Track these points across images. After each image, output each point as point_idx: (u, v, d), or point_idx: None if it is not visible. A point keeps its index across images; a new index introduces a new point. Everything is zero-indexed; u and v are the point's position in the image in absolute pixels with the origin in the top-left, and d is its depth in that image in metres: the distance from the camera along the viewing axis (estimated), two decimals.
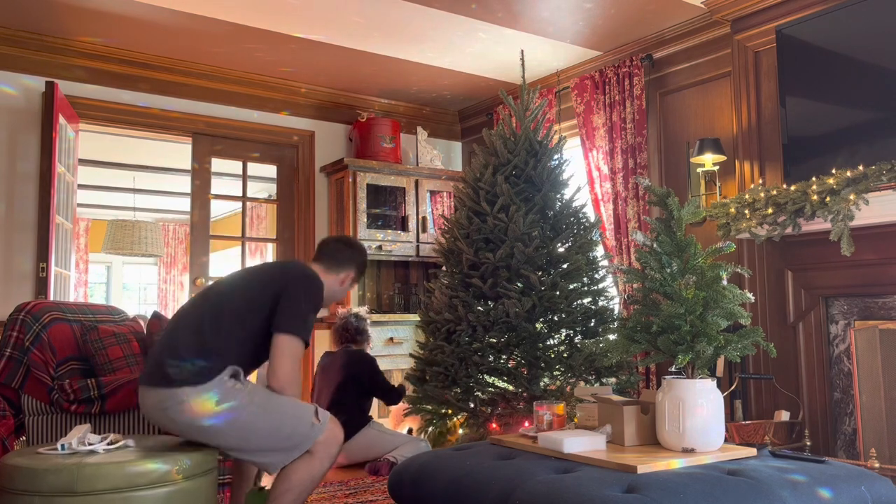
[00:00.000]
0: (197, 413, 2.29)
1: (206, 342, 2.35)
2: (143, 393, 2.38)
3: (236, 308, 2.42)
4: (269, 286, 2.44)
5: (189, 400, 2.29)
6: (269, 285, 2.44)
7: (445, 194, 6.03)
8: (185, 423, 2.32)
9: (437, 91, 5.91)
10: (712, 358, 2.34)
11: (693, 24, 4.55)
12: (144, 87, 5.11)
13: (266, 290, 2.43)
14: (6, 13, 4.38)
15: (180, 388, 2.29)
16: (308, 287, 2.47)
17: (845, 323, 3.69)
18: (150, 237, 7.95)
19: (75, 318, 3.32)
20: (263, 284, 2.46)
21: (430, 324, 4.08)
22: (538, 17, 4.50)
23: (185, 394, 2.29)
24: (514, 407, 3.76)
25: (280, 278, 2.46)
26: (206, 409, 2.30)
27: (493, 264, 3.85)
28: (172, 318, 2.52)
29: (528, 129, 4.07)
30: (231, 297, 2.46)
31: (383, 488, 3.63)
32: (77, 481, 2.11)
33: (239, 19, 4.48)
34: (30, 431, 3.05)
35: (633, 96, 4.81)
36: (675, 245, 2.41)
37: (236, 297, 2.45)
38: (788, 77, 3.84)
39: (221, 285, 2.53)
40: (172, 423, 2.35)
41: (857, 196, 3.28)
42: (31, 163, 4.63)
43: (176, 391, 2.29)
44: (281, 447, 2.38)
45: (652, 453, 2.22)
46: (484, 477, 2.13)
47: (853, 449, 3.60)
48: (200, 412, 2.30)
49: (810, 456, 2.23)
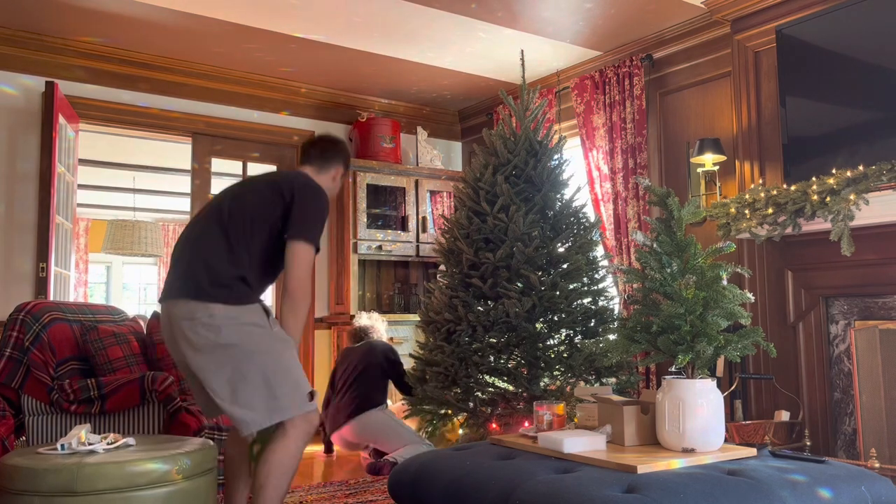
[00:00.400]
0: (225, 332, 2.31)
1: (239, 262, 2.41)
2: (171, 306, 2.38)
3: (256, 221, 2.46)
4: (281, 197, 2.49)
5: (222, 316, 2.32)
6: (281, 196, 2.49)
7: (445, 194, 6.03)
8: (205, 340, 2.31)
9: (437, 91, 5.91)
10: (712, 358, 2.34)
11: (693, 24, 4.55)
12: (144, 87, 5.11)
13: (278, 202, 2.48)
14: (6, 13, 4.38)
15: (215, 304, 2.33)
16: (316, 196, 2.53)
17: (845, 323, 3.69)
18: (150, 237, 7.96)
19: (75, 318, 3.32)
20: (275, 196, 2.50)
21: (430, 324, 4.08)
22: (538, 17, 4.50)
23: (220, 310, 2.32)
24: (514, 407, 3.76)
25: (289, 189, 2.50)
26: (233, 330, 2.33)
27: (493, 264, 3.85)
28: (188, 235, 2.52)
29: (528, 129, 4.07)
30: (247, 211, 2.49)
31: (383, 488, 3.63)
32: (77, 481, 2.11)
33: (239, 19, 4.48)
34: (30, 431, 3.05)
35: (633, 96, 4.81)
36: (675, 245, 2.41)
37: (253, 211, 2.48)
38: (788, 77, 3.84)
39: (230, 200, 2.54)
40: (193, 337, 2.32)
41: (857, 196, 3.28)
42: (31, 163, 4.63)
43: (210, 305, 2.32)
44: (267, 405, 2.34)
45: (652, 453, 2.22)
46: (484, 477, 2.13)
47: (853, 449, 3.60)
48: (228, 331, 2.32)
49: (810, 456, 2.23)
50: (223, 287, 2.36)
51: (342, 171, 2.81)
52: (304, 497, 3.53)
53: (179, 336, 2.36)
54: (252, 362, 2.34)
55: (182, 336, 2.35)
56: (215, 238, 2.44)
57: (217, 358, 2.33)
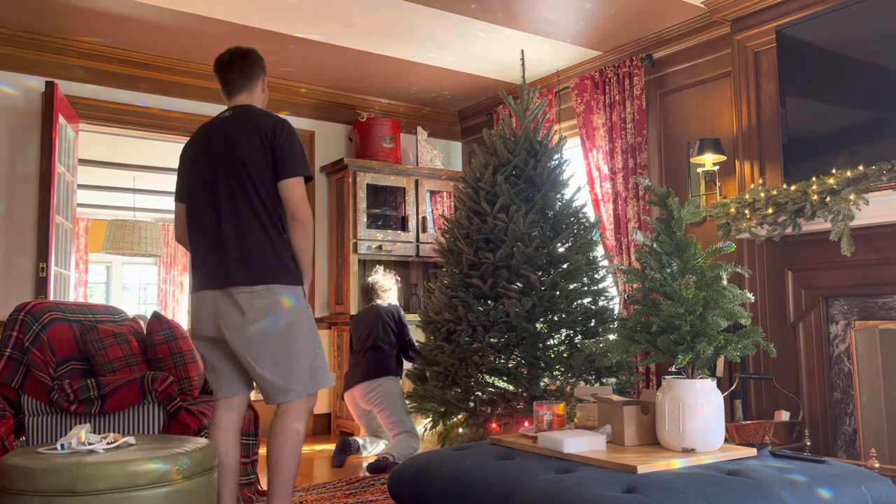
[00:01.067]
0: (278, 308, 2.51)
1: (278, 234, 2.58)
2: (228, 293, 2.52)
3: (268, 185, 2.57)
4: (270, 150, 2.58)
5: (282, 295, 2.52)
6: (270, 150, 2.58)
7: (445, 194, 6.03)
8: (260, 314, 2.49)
9: (437, 91, 5.91)
10: (712, 358, 2.34)
11: (693, 24, 4.55)
12: (144, 87, 5.11)
13: (268, 156, 2.57)
14: (6, 13, 4.38)
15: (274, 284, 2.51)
16: (287, 127, 2.64)
17: (845, 323, 3.69)
18: (150, 237, 7.95)
19: (75, 318, 3.32)
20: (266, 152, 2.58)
21: (430, 324, 4.08)
22: (538, 16, 4.49)
23: (278, 289, 2.52)
24: (514, 407, 3.76)
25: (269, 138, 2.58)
26: (288, 307, 2.53)
27: (493, 264, 3.85)
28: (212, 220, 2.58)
29: (528, 129, 4.07)
30: (255, 177, 2.56)
31: (383, 488, 3.63)
32: (77, 481, 2.11)
33: (239, 19, 4.48)
34: (30, 431, 3.05)
35: (633, 96, 4.81)
36: (675, 245, 2.41)
37: (260, 176, 2.56)
38: (788, 77, 3.84)
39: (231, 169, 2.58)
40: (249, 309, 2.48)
41: (857, 196, 3.28)
42: (31, 163, 4.63)
43: (272, 286, 2.51)
44: (306, 378, 2.57)
45: (652, 453, 2.22)
46: (484, 477, 2.13)
47: (853, 449, 3.59)
48: (280, 307, 2.51)
49: (810, 456, 2.23)
50: (280, 267, 2.54)
51: (265, 77, 2.86)
52: (304, 497, 3.53)
53: (229, 310, 2.51)
54: (295, 338, 2.55)
55: (233, 310, 2.50)
56: (246, 217, 2.55)
57: (266, 330, 2.50)
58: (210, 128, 2.72)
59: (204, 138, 2.71)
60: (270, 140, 2.58)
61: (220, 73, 2.79)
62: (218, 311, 2.54)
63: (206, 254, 2.58)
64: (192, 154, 2.71)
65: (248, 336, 2.51)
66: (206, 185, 2.62)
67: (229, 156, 2.60)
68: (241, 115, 2.69)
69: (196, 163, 2.68)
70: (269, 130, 2.59)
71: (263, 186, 2.57)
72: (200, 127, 2.78)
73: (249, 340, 2.51)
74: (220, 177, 2.59)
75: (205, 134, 2.72)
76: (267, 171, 2.57)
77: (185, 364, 3.36)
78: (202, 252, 2.60)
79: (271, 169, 2.57)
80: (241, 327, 2.50)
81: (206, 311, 2.56)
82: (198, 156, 2.69)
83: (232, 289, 2.51)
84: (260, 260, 2.52)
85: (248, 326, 2.50)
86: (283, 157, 2.57)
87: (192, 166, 2.69)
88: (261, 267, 2.51)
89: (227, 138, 2.63)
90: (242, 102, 2.75)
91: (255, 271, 2.50)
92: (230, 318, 2.51)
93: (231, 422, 2.67)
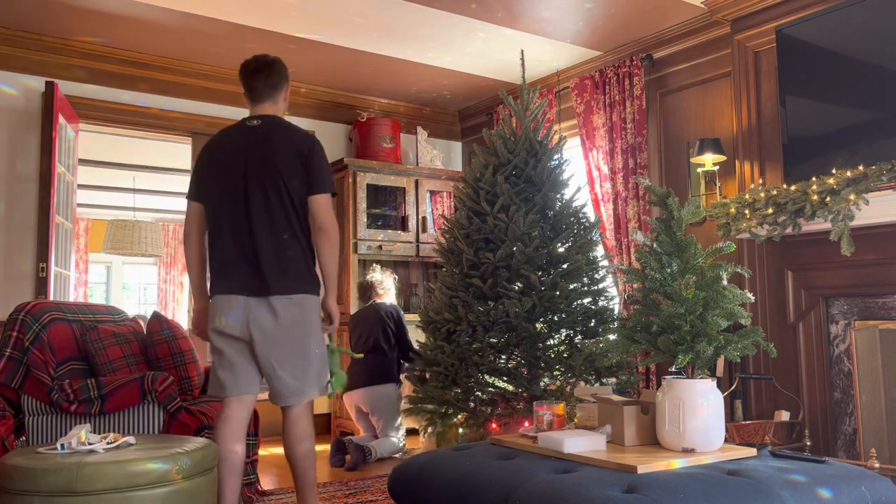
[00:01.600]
0: (306, 316, 2.69)
1: (306, 254, 2.73)
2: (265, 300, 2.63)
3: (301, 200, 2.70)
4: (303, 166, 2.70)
5: (308, 302, 2.70)
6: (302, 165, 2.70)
7: (445, 194, 6.03)
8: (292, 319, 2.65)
9: (437, 91, 5.91)
10: (712, 358, 2.34)
11: (693, 24, 4.55)
12: (144, 87, 5.11)
13: (301, 170, 2.70)
14: (6, 13, 4.38)
15: (304, 294, 2.69)
16: (319, 144, 2.79)
17: (845, 323, 3.69)
18: (150, 237, 7.95)
19: (75, 318, 3.32)
20: (299, 167, 2.70)
21: (430, 324, 4.08)
22: (538, 17, 4.49)
23: (309, 299, 2.70)
24: (514, 407, 3.76)
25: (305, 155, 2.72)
26: (310, 316, 2.71)
27: (493, 264, 3.85)
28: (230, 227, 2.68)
29: (528, 129, 4.07)
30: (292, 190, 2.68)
31: (383, 488, 3.63)
32: (77, 481, 2.11)
33: (239, 19, 4.48)
34: (30, 431, 3.05)
35: (633, 96, 4.81)
36: (675, 245, 2.41)
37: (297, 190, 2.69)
38: (788, 77, 3.84)
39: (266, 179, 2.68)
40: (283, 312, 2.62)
41: (857, 196, 3.28)
42: (31, 163, 4.63)
43: (305, 296, 2.69)
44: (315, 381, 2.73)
45: (652, 453, 2.22)
46: (484, 477, 2.13)
47: (853, 449, 3.59)
48: (308, 316, 2.70)
49: (810, 456, 2.23)
50: (311, 278, 2.72)
51: (288, 87, 2.95)
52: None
53: (263, 313, 2.63)
54: (311, 343, 2.71)
55: (267, 314, 2.63)
56: (283, 229, 2.68)
57: (294, 335, 2.65)
58: (238, 134, 2.78)
59: (233, 145, 2.76)
60: (305, 156, 2.70)
61: (245, 80, 2.86)
62: (250, 313, 2.63)
63: (239, 262, 2.67)
64: (219, 158, 2.77)
65: (278, 339, 2.63)
66: (238, 193, 2.69)
67: (265, 167, 2.68)
68: (272, 127, 2.78)
69: (224, 168, 2.74)
70: (303, 147, 2.72)
71: (298, 200, 2.69)
72: (225, 131, 2.84)
73: (278, 343, 2.63)
74: (255, 187, 2.68)
75: (233, 140, 2.77)
76: (300, 186, 2.69)
77: (185, 364, 3.36)
78: (231, 258, 2.69)
79: (304, 184, 2.69)
80: (273, 330, 2.63)
81: (237, 313, 2.65)
82: (226, 161, 2.74)
83: (270, 297, 2.63)
84: (297, 272, 2.68)
85: (279, 331, 2.63)
86: (315, 173, 2.70)
87: (219, 170, 2.75)
88: (297, 279, 2.68)
89: (261, 149, 2.71)
90: (267, 111, 2.83)
91: (292, 283, 2.66)
92: (262, 320, 2.63)
93: (241, 419, 2.72)
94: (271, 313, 2.63)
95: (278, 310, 2.63)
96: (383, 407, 4.51)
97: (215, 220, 2.73)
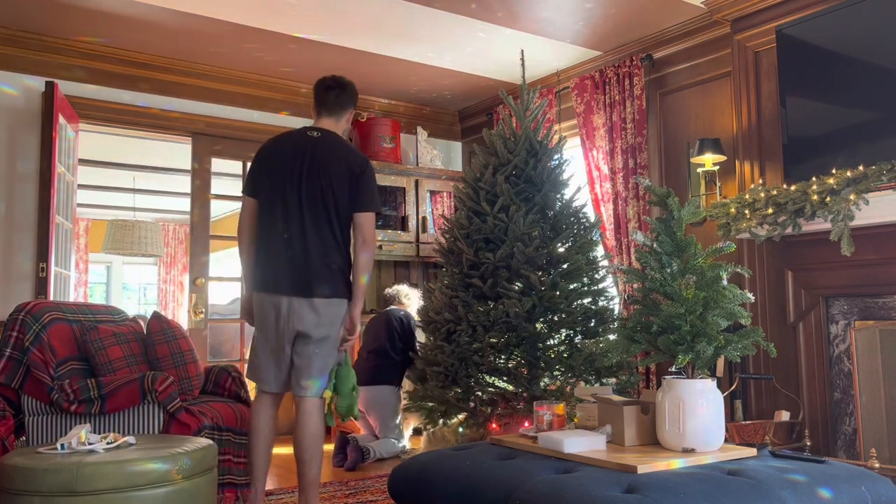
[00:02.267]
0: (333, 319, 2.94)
1: (347, 264, 3.00)
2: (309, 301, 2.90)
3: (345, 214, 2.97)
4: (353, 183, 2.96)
5: (344, 307, 2.98)
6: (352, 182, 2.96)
7: (445, 194, 6.03)
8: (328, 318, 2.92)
9: (437, 91, 5.91)
10: (712, 358, 2.34)
11: (693, 24, 4.55)
12: (144, 87, 5.11)
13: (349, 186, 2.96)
14: (6, 13, 4.38)
15: (344, 299, 2.97)
16: (371, 168, 3.06)
17: (845, 323, 3.69)
18: (150, 237, 7.95)
19: (75, 318, 3.32)
20: (350, 183, 2.96)
21: (430, 324, 4.08)
22: (538, 17, 4.49)
23: (345, 303, 2.97)
24: (514, 407, 3.76)
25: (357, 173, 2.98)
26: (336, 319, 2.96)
27: (493, 264, 3.85)
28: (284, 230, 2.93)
29: (528, 129, 4.07)
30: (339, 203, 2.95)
31: (383, 488, 3.63)
32: (77, 481, 2.11)
33: (239, 19, 4.48)
34: (30, 431, 3.05)
35: (633, 96, 4.81)
36: (675, 245, 2.41)
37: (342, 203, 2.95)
38: (788, 77, 3.84)
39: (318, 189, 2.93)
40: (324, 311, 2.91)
41: (857, 196, 3.28)
42: (31, 163, 4.63)
43: (343, 301, 2.97)
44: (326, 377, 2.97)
45: (652, 453, 2.22)
46: (484, 477, 2.13)
47: (853, 449, 3.59)
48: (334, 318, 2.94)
49: (810, 456, 2.23)
50: (348, 286, 2.99)
51: (353, 111, 3.23)
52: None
53: (305, 311, 2.89)
54: (330, 345, 2.96)
55: (309, 311, 2.90)
56: (331, 240, 2.95)
57: (329, 333, 2.93)
58: (298, 141, 3.03)
59: (292, 150, 3.00)
60: (357, 177, 2.97)
61: (318, 93, 3.14)
62: (294, 313, 2.90)
63: (289, 264, 2.93)
64: (277, 161, 3.01)
65: (318, 335, 2.91)
66: (291, 196, 2.94)
67: (320, 176, 2.94)
68: (332, 143, 3.02)
69: (281, 170, 2.98)
70: (356, 165, 2.99)
71: (344, 213, 2.96)
72: (284, 135, 3.09)
73: (317, 339, 2.92)
74: (307, 194, 2.93)
75: (292, 145, 3.02)
76: (348, 201, 2.96)
77: (185, 364, 3.36)
78: (282, 260, 2.93)
79: (352, 199, 2.96)
80: (315, 327, 2.90)
81: (283, 312, 2.91)
82: (283, 165, 2.99)
83: (314, 299, 2.90)
84: (340, 279, 2.96)
85: (320, 328, 2.91)
86: (364, 192, 2.99)
87: (275, 171, 2.99)
88: (340, 285, 2.96)
89: (318, 159, 2.97)
90: (329, 127, 3.10)
91: (335, 289, 2.94)
92: (307, 318, 2.90)
93: (276, 407, 3.05)
94: (315, 313, 2.89)
95: (321, 311, 2.90)
96: (379, 407, 4.51)
97: (265, 219, 2.99)
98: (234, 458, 3.28)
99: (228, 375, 3.66)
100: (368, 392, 4.49)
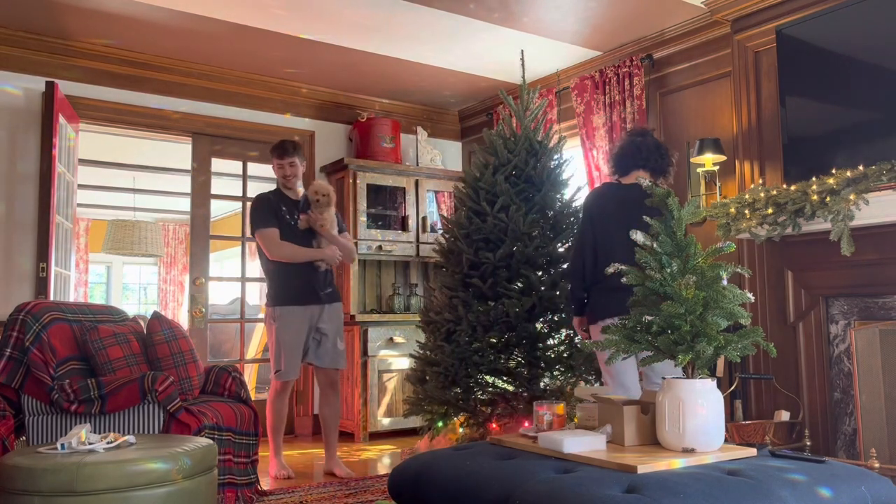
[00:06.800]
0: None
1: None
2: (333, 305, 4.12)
3: None
4: None
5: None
6: None
7: (446, 194, 6.03)
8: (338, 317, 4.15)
9: (437, 91, 5.91)
10: (712, 358, 2.33)
11: (693, 24, 4.55)
12: (145, 87, 5.11)
13: None
14: (6, 13, 4.38)
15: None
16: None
17: (845, 323, 3.69)
18: (150, 237, 7.95)
19: (75, 318, 3.32)
20: None
21: (430, 324, 4.08)
22: (538, 17, 4.49)
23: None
24: (514, 407, 3.76)
25: None
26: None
27: (493, 264, 3.85)
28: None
29: (528, 129, 4.07)
30: None
31: (383, 488, 3.63)
32: (77, 481, 2.12)
33: (239, 19, 4.48)
34: (30, 431, 3.05)
35: (633, 96, 4.81)
36: (675, 245, 2.41)
37: None
38: (788, 77, 3.84)
39: None
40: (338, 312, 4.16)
41: (857, 196, 3.28)
42: (31, 163, 4.63)
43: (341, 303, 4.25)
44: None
45: (652, 453, 2.22)
46: (484, 477, 2.13)
47: (853, 449, 3.60)
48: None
49: (810, 456, 2.23)
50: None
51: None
52: (304, 497, 3.53)
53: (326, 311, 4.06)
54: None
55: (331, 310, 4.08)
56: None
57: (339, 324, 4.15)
58: None
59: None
60: None
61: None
62: (324, 313, 4.04)
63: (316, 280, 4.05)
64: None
65: (336, 327, 4.08)
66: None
67: None
68: None
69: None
70: None
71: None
72: None
73: (337, 330, 4.08)
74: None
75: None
76: None
77: (186, 364, 3.36)
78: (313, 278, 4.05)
79: None
80: (334, 320, 4.07)
81: (311, 315, 4.01)
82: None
83: (335, 303, 4.11)
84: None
85: (334, 321, 4.08)
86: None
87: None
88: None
89: None
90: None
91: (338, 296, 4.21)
92: (333, 314, 4.09)
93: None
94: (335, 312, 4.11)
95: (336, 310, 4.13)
96: None
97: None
98: (234, 457, 3.28)
99: (229, 375, 3.66)
100: None
